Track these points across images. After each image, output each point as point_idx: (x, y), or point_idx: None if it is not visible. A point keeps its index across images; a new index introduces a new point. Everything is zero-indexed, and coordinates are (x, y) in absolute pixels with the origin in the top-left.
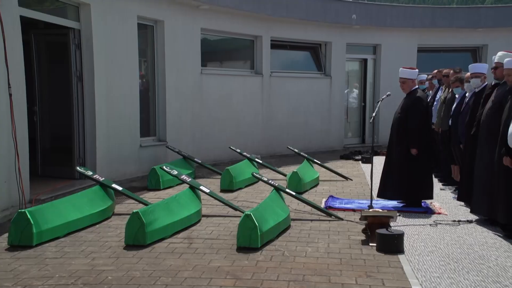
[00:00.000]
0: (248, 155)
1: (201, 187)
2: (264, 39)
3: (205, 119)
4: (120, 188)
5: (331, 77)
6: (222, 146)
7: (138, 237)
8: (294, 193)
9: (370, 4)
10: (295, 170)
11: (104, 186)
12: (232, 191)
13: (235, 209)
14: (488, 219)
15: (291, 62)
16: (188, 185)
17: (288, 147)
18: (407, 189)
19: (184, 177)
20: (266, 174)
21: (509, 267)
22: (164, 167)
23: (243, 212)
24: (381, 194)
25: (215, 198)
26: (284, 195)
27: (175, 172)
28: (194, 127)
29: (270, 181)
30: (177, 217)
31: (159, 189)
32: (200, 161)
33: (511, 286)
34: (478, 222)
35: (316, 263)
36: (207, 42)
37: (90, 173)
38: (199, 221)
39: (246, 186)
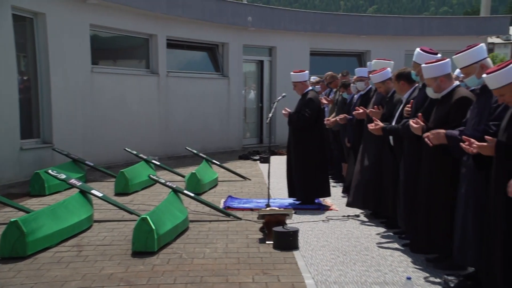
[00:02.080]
0: (145, 157)
1: (93, 191)
2: (160, 38)
3: (97, 119)
4: None
5: (229, 78)
6: (116, 148)
7: (16, 248)
8: (192, 195)
9: (265, 7)
10: (194, 171)
11: None
12: (127, 194)
13: (131, 212)
14: (373, 213)
15: (188, 62)
16: (78, 190)
17: (186, 148)
18: (304, 187)
19: (73, 181)
20: (164, 176)
21: (389, 256)
22: (49, 171)
23: (139, 216)
24: (291, 193)
25: (109, 202)
26: (182, 196)
27: (63, 176)
28: (85, 128)
29: (167, 183)
30: (64, 224)
31: (43, 195)
32: (92, 164)
33: (389, 274)
34: (365, 216)
35: (214, 264)
36: (98, 39)
37: None
38: (90, 227)
39: (142, 189)
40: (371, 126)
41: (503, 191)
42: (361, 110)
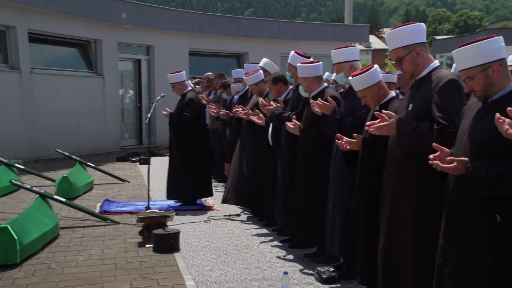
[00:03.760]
0: (6, 160)
1: None
2: (20, 30)
3: None
4: None
5: (103, 76)
6: None
7: None
8: (63, 200)
9: (140, 5)
10: (65, 175)
11: None
12: None
13: None
14: (253, 211)
15: (57, 58)
16: None
17: (56, 150)
18: (186, 188)
19: None
20: (30, 180)
21: (268, 253)
22: None
23: None
24: (169, 195)
25: None
26: (52, 202)
27: None
28: None
29: (34, 188)
30: None
31: None
32: None
33: (268, 270)
34: (245, 214)
35: (88, 272)
36: None
37: None
38: None
39: (3, 195)
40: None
41: (365, 184)
42: (238, 109)
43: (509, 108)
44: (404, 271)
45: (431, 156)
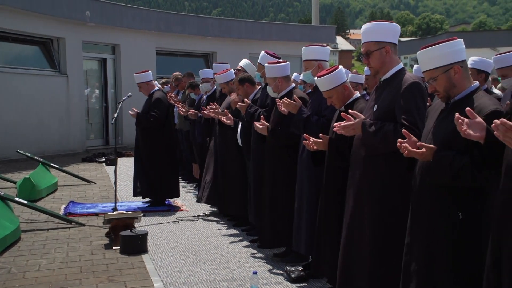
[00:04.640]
0: None
1: None
2: None
3: None
4: None
5: (67, 75)
6: None
7: None
8: (25, 202)
9: (105, 2)
10: (28, 176)
11: None
12: None
13: None
14: (222, 211)
15: (17, 56)
16: None
17: (18, 151)
18: (153, 188)
19: None
20: None
21: (237, 253)
22: None
23: None
24: (135, 193)
25: None
26: (13, 204)
27: None
28: None
29: None
30: None
31: None
32: None
33: (237, 270)
34: (214, 215)
35: (51, 276)
36: None
37: None
38: None
39: None
40: (224, 119)
41: (332, 184)
42: (213, 107)
43: (467, 108)
44: (360, 271)
45: (400, 139)
